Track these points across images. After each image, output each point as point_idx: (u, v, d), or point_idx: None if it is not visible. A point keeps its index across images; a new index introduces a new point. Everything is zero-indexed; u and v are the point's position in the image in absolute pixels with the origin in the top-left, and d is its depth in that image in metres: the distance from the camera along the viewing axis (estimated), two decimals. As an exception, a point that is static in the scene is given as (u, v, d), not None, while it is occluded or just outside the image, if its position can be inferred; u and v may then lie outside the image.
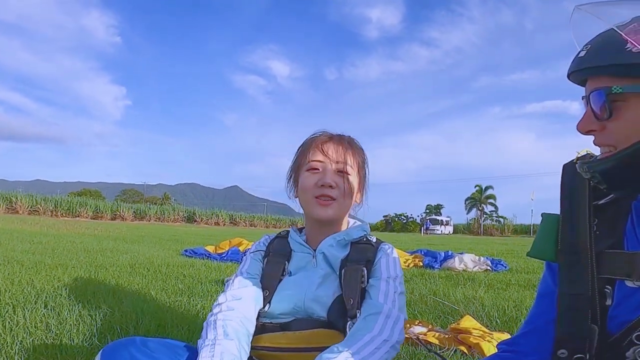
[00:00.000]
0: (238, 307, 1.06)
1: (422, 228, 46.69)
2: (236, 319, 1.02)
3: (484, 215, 58.25)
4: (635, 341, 0.70)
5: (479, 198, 57.56)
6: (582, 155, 0.83)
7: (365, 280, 1.09)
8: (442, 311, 2.81)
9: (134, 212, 32.88)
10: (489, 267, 5.44)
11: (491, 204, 57.90)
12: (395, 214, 63.89)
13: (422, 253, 6.37)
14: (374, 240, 1.19)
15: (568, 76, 0.79)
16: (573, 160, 0.84)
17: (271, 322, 1.12)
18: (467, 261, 5.44)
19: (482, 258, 5.75)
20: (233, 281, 1.15)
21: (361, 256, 1.13)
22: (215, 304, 1.09)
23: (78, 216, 27.83)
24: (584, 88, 0.78)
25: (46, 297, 2.65)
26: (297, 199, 1.24)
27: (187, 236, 11.68)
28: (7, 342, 1.77)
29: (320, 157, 1.16)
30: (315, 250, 1.16)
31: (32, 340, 1.83)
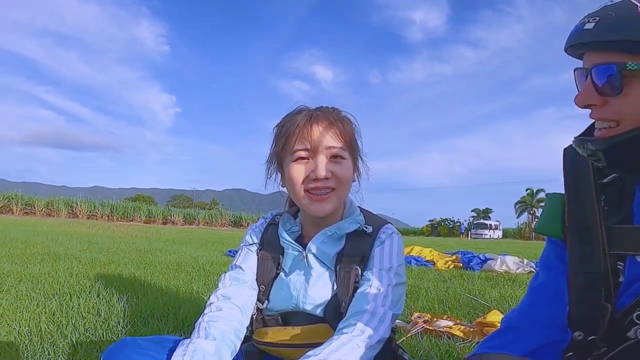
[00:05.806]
0: (226, 307, 1.01)
1: (471, 232, 45.34)
2: (223, 319, 0.99)
3: (536, 219, 55.85)
4: (636, 320, 0.68)
5: (530, 202, 55.33)
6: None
7: (358, 279, 1.02)
8: (473, 308, 2.81)
9: (184, 216, 34.08)
10: (533, 269, 5.26)
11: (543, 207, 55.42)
12: (442, 218, 62.60)
13: (461, 254, 6.27)
14: (370, 229, 1.07)
15: (568, 47, 0.74)
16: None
17: (271, 316, 1.09)
18: (509, 263, 5.31)
19: (525, 260, 5.59)
20: (224, 278, 1.09)
21: (356, 250, 1.05)
22: (207, 302, 1.05)
23: (132, 220, 29.26)
24: (580, 60, 0.74)
25: (99, 288, 2.90)
26: (284, 188, 1.11)
27: (232, 239, 12.03)
28: (63, 324, 1.98)
29: (307, 144, 1.01)
30: (305, 249, 1.06)
31: (84, 322, 2.03)
